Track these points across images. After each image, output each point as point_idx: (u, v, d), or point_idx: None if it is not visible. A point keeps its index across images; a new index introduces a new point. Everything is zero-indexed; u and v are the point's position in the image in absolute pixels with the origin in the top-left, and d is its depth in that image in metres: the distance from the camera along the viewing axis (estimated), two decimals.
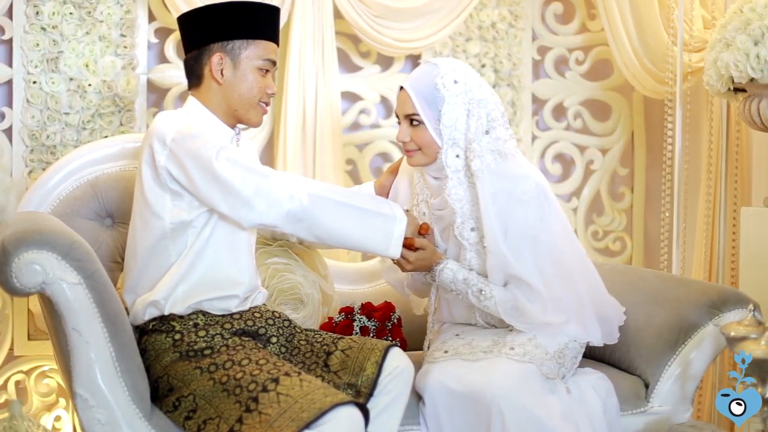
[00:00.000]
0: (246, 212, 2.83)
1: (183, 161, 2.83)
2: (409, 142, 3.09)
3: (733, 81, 3.55)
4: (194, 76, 3.03)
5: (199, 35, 3.00)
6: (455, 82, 3.05)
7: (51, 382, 3.79)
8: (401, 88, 3.11)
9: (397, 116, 3.14)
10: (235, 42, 2.97)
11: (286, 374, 2.73)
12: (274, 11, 3.08)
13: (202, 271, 2.91)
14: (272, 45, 3.04)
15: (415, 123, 3.08)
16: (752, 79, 3.47)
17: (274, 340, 2.98)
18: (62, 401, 3.78)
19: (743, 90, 3.62)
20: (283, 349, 2.99)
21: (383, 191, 3.36)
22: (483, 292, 3.07)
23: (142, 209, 2.92)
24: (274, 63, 3.04)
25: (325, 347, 2.98)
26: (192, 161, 2.83)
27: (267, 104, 3.06)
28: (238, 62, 2.98)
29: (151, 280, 2.92)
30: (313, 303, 3.38)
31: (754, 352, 2.53)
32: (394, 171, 3.37)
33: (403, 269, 3.11)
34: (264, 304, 3.08)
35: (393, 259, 3.09)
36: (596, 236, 4.61)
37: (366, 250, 3.02)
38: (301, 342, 3.01)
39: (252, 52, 2.99)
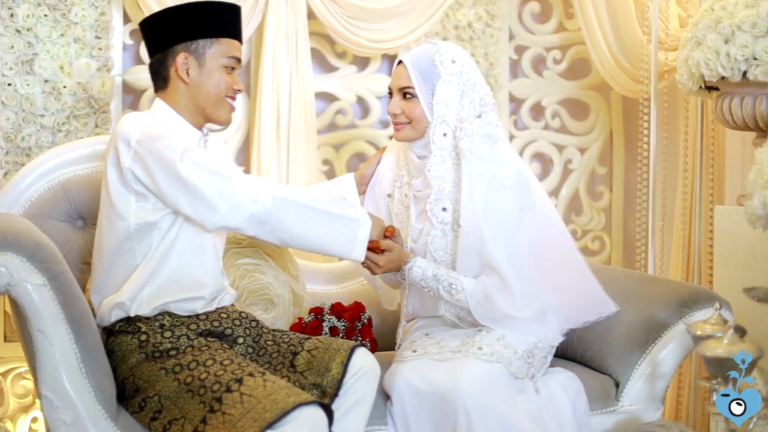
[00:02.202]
0: (209, 214, 2.84)
1: (147, 163, 2.84)
2: (399, 115, 3.15)
3: (704, 79, 3.56)
4: (160, 78, 3.04)
5: (162, 37, 3.02)
6: (453, 61, 3.12)
7: (28, 383, 3.78)
8: (399, 62, 3.18)
9: (390, 91, 3.20)
10: (199, 41, 2.99)
11: (250, 374, 2.74)
12: (236, 9, 3.10)
13: (168, 273, 2.92)
14: (236, 43, 3.06)
15: (408, 96, 3.14)
16: (723, 78, 3.47)
17: (240, 340, 2.99)
18: (39, 403, 3.78)
19: (717, 88, 3.63)
20: (250, 350, 3.00)
21: (364, 181, 3.40)
22: (453, 286, 3.09)
23: (108, 210, 2.93)
24: (238, 60, 3.07)
25: (291, 347, 2.99)
26: (156, 163, 2.83)
27: (233, 99, 3.08)
28: (204, 61, 3.00)
29: (117, 281, 2.93)
30: (284, 303, 3.39)
31: (715, 350, 2.53)
32: (376, 160, 3.41)
33: (374, 273, 3.13)
34: (232, 305, 3.09)
35: (363, 264, 3.10)
36: (575, 235, 4.60)
37: (330, 253, 3.03)
38: (268, 342, 3.01)
39: (216, 50, 3.01)
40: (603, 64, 4.33)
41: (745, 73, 3.41)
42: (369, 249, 3.03)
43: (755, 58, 3.37)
